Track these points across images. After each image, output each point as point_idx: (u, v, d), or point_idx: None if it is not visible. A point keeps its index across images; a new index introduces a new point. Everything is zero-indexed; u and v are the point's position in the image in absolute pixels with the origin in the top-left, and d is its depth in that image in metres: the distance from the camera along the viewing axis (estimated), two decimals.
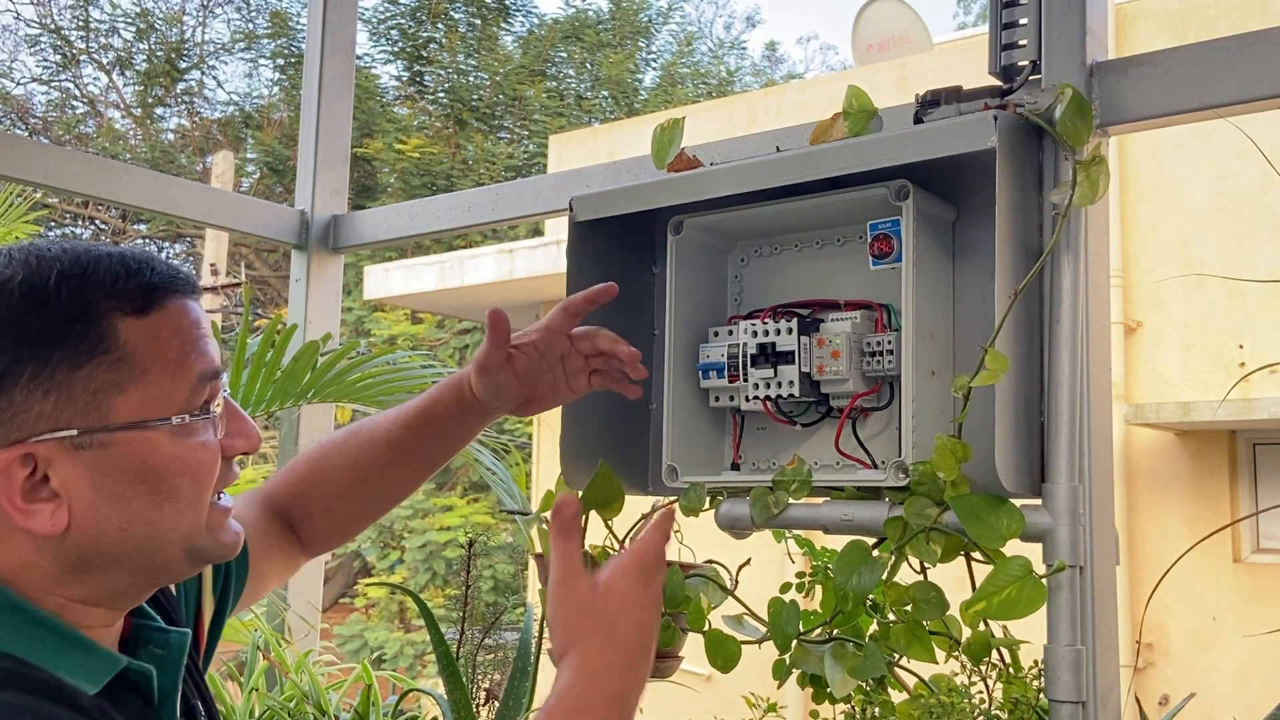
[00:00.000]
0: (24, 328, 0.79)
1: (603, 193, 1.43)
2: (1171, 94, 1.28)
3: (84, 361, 0.80)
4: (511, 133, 15.54)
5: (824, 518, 1.29)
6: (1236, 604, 5.32)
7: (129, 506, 0.82)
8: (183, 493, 0.84)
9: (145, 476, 0.82)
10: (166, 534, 0.84)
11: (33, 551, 0.82)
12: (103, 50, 16.10)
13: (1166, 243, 5.60)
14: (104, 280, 0.82)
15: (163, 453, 0.83)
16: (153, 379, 0.83)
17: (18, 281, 0.80)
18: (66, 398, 0.80)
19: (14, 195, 3.09)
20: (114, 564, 0.84)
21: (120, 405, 0.81)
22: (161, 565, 0.86)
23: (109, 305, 0.82)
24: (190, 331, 0.85)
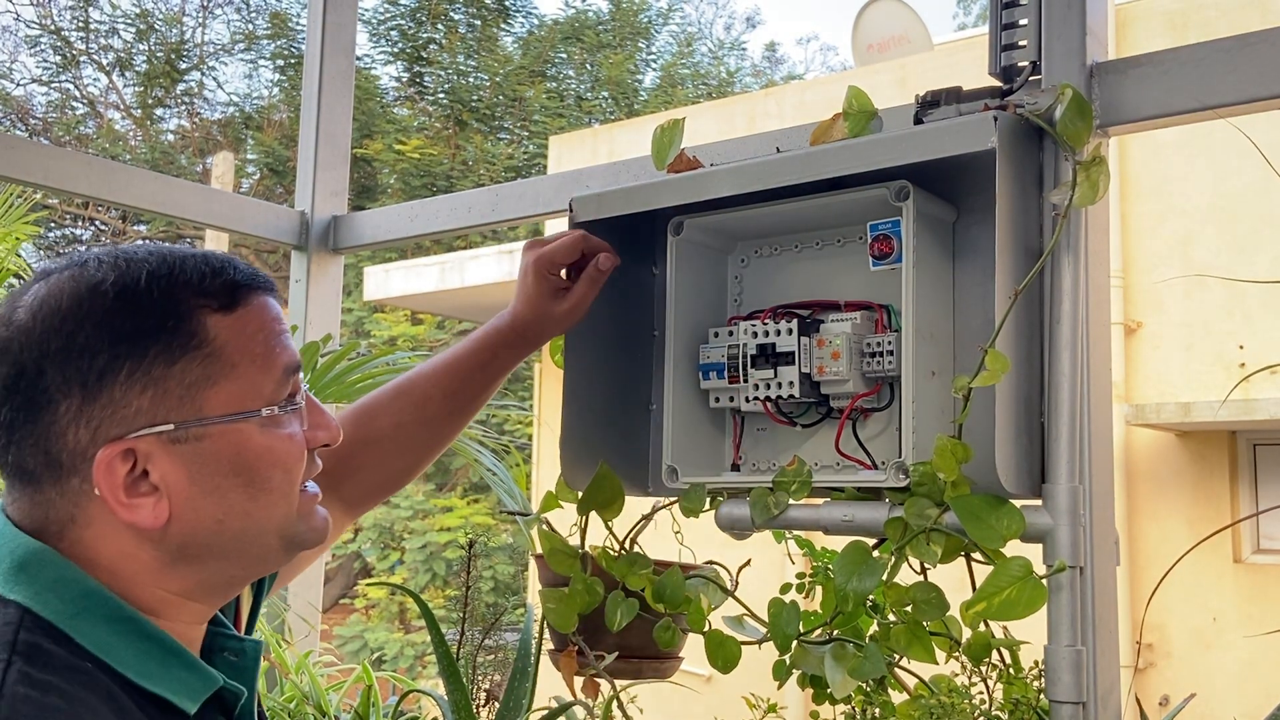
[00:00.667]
0: (120, 327, 0.82)
1: (603, 193, 1.43)
2: (1171, 94, 1.28)
3: (177, 357, 0.83)
4: (511, 133, 15.54)
5: (824, 518, 1.29)
6: (1237, 604, 5.32)
7: (225, 498, 0.85)
8: (275, 483, 0.87)
9: (239, 468, 0.85)
10: (262, 523, 0.88)
11: (134, 545, 0.84)
12: (103, 51, 16.10)
13: (1166, 243, 5.60)
14: (191, 279, 0.86)
15: (254, 444, 0.86)
16: (242, 372, 0.86)
17: (110, 283, 0.83)
18: (162, 393, 0.83)
19: (14, 196, 3.08)
20: (214, 555, 0.87)
21: (212, 399, 0.85)
22: (259, 554, 0.89)
23: (198, 303, 0.85)
24: (273, 327, 0.89)
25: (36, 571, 0.82)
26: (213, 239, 10.39)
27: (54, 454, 0.82)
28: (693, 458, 1.41)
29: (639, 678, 1.48)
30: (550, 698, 1.83)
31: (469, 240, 11.17)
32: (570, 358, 1.45)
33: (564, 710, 1.76)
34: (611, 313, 1.49)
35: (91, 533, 0.84)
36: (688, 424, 1.41)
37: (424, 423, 1.30)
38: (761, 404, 1.35)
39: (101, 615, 0.82)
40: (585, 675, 1.46)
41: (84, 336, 0.82)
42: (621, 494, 1.39)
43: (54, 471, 0.83)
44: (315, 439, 0.92)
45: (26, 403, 0.82)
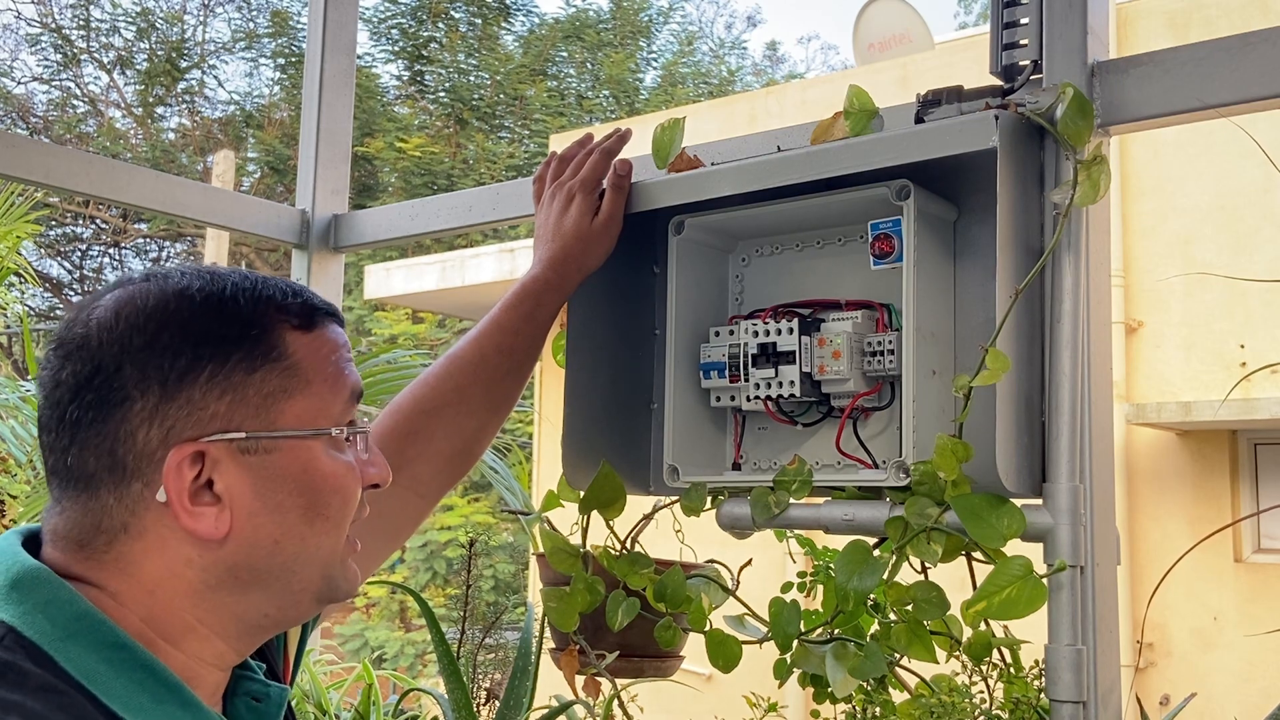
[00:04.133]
0: (204, 330, 0.83)
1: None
2: (1173, 94, 1.27)
3: (258, 366, 0.84)
4: (512, 132, 15.54)
5: (825, 518, 1.29)
6: (1237, 604, 5.32)
7: (285, 518, 0.84)
8: (332, 510, 0.86)
9: (303, 487, 0.85)
10: (313, 553, 0.86)
11: (183, 563, 0.82)
12: (103, 49, 16.10)
13: (1167, 242, 5.60)
14: (275, 296, 0.87)
15: (320, 465, 0.86)
16: (315, 390, 0.87)
17: (197, 289, 0.84)
18: (240, 399, 0.83)
19: (15, 195, 3.09)
20: (258, 582, 0.85)
21: (287, 412, 0.85)
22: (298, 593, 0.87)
23: (279, 318, 0.86)
24: (343, 352, 0.91)
25: (29, 591, 0.79)
26: (213, 237, 10.39)
27: (119, 455, 0.81)
28: (694, 457, 1.41)
29: (640, 677, 1.48)
30: (551, 696, 1.83)
31: (470, 239, 11.16)
32: (571, 357, 1.45)
33: (564, 709, 1.76)
34: (612, 312, 1.49)
35: (141, 545, 0.82)
36: (689, 423, 1.41)
37: (484, 384, 1.31)
38: (762, 403, 1.35)
39: (93, 641, 0.78)
40: (586, 674, 1.46)
41: (168, 336, 0.82)
42: (623, 493, 1.39)
43: (116, 474, 0.81)
44: (368, 476, 0.91)
45: (99, 400, 0.80)
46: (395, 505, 1.24)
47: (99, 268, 15.98)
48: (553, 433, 6.85)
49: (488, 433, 1.34)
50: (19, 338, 9.87)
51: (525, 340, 1.34)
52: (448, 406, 1.28)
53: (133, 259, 16.11)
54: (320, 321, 0.89)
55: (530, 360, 1.35)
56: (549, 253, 1.36)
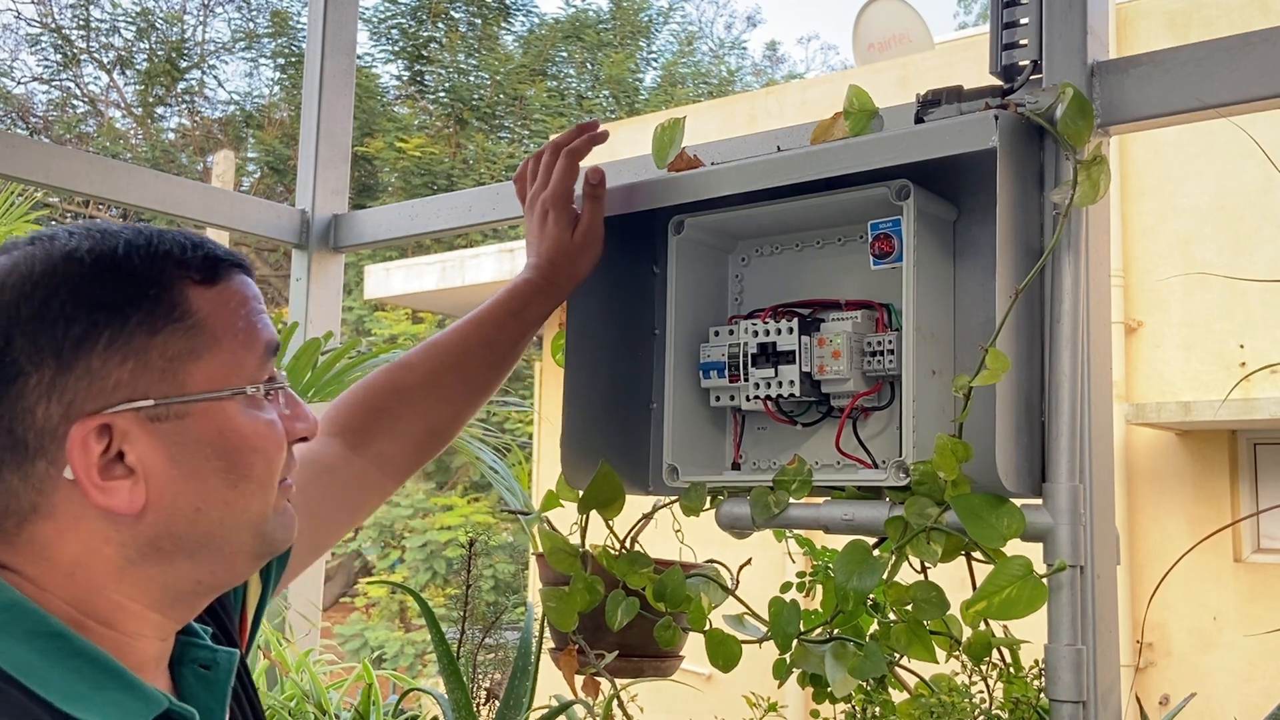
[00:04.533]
0: (99, 294, 0.77)
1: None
2: (1172, 94, 1.28)
3: (160, 327, 0.78)
4: (512, 132, 15.54)
5: (824, 517, 1.29)
6: (1237, 604, 5.32)
7: (205, 483, 0.80)
8: (256, 470, 0.82)
9: (222, 451, 0.80)
10: (239, 515, 0.82)
11: (101, 539, 0.78)
12: (103, 49, 16.10)
13: (1167, 242, 5.60)
14: (171, 250, 0.81)
15: (237, 425, 0.81)
16: (226, 347, 0.81)
17: (86, 249, 0.79)
18: (144, 365, 0.77)
19: (14, 195, 3.08)
20: (185, 551, 0.80)
21: (196, 374, 0.79)
22: (230, 555, 0.82)
23: (179, 273, 0.81)
24: (254, 304, 0.85)
25: None
26: (213, 237, 10.39)
27: (19, 434, 0.76)
28: (693, 456, 1.41)
29: (639, 676, 1.48)
30: (551, 696, 1.83)
31: (469, 239, 11.16)
32: (571, 356, 1.45)
33: (564, 709, 1.76)
34: (612, 312, 1.49)
35: (54, 526, 0.77)
36: (688, 423, 1.41)
37: (463, 373, 1.29)
38: (762, 403, 1.35)
39: (22, 631, 0.75)
40: (586, 674, 1.46)
41: (58, 302, 0.76)
42: (622, 493, 1.39)
43: (18, 454, 0.76)
44: (294, 430, 0.86)
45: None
46: (359, 479, 1.22)
47: None
48: (552, 432, 6.85)
49: (461, 420, 1.33)
50: None
51: (509, 336, 1.33)
52: (421, 388, 1.27)
53: None
54: (225, 273, 0.83)
55: (512, 357, 1.34)
56: (538, 259, 1.37)
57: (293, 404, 0.87)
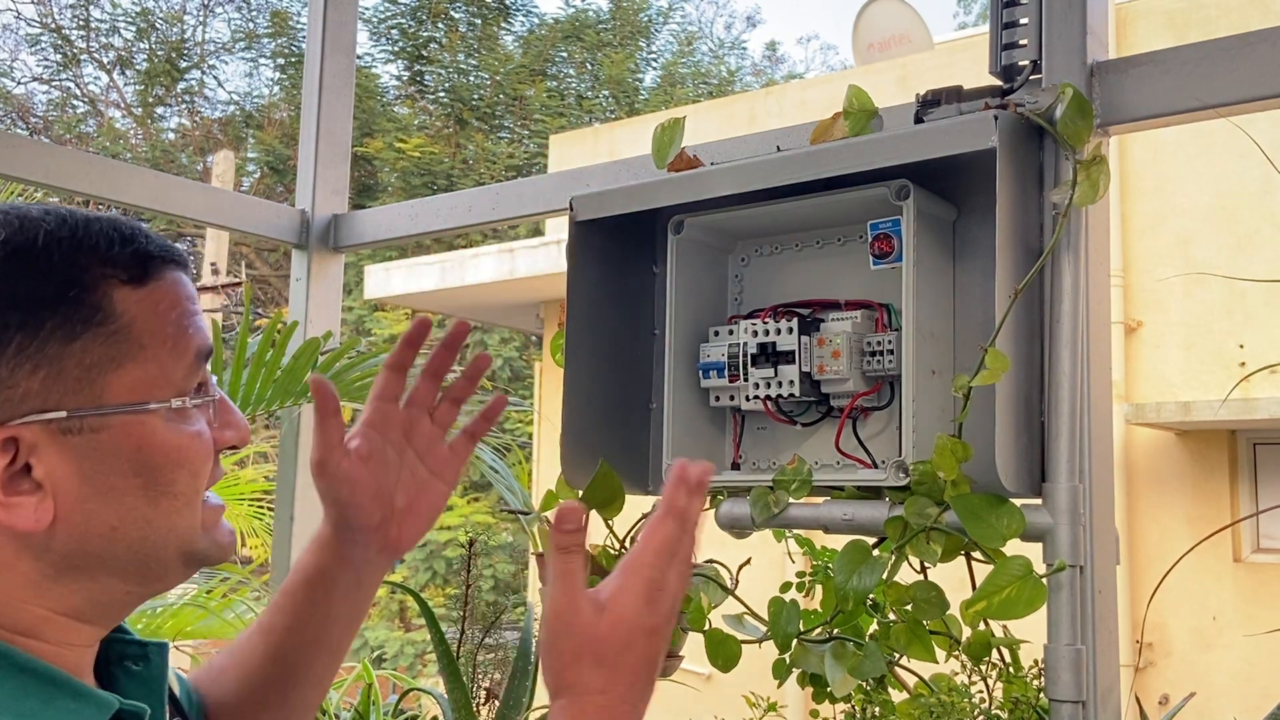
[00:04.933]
0: (11, 292, 0.70)
1: (603, 192, 1.43)
2: (1172, 94, 1.28)
3: (78, 333, 0.71)
4: (512, 132, 15.54)
5: (824, 517, 1.29)
6: (1236, 604, 5.32)
7: (121, 501, 0.73)
8: (179, 487, 0.75)
9: (140, 467, 0.73)
10: (162, 534, 0.75)
11: (11, 554, 0.72)
12: (103, 50, 16.10)
13: (1166, 242, 5.60)
14: (98, 245, 0.74)
15: (158, 440, 0.74)
16: (151, 355, 0.74)
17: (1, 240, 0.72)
18: (57, 373, 0.71)
19: (14, 195, 3.09)
20: (105, 568, 0.74)
21: (115, 384, 0.73)
22: (157, 570, 0.77)
23: (104, 272, 0.73)
24: (186, 306, 0.77)
25: None
26: (213, 237, 10.39)
27: None
28: (693, 456, 1.40)
29: None
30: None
31: (469, 239, 11.16)
32: (571, 356, 1.45)
33: None
34: (612, 312, 1.49)
35: None
36: (688, 423, 1.41)
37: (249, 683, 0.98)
38: (762, 403, 1.35)
39: None
40: None
41: None
42: (622, 492, 1.39)
43: None
44: (223, 439, 0.80)
45: None
46: None
47: None
48: (552, 432, 6.85)
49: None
50: None
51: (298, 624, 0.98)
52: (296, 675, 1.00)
53: None
54: (156, 272, 0.76)
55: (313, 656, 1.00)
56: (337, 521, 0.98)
57: (223, 411, 0.81)
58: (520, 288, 7.20)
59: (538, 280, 6.91)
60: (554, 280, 6.67)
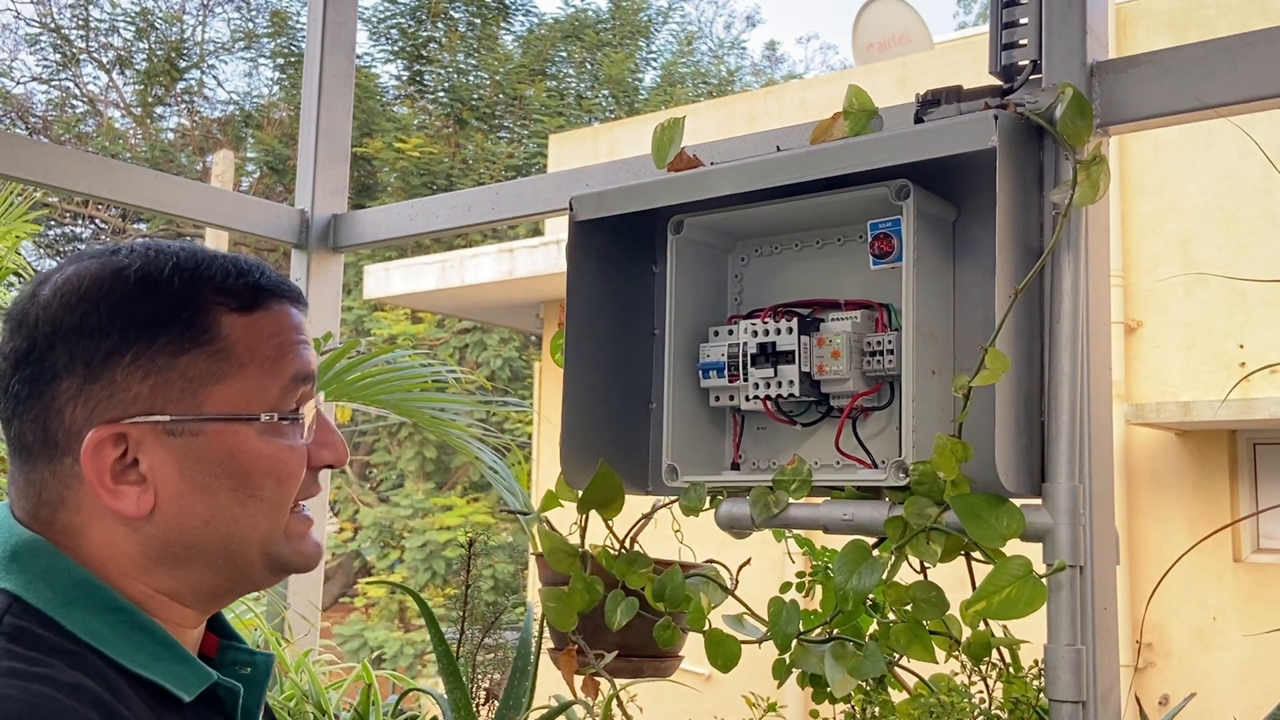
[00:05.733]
0: (133, 312, 0.82)
1: (603, 192, 1.43)
2: (1172, 94, 1.28)
3: (185, 349, 0.83)
4: (511, 132, 15.53)
5: (824, 517, 1.29)
6: (1236, 604, 5.32)
7: (214, 498, 0.84)
8: (265, 492, 0.85)
9: (231, 470, 0.84)
10: (247, 532, 0.85)
11: (120, 535, 0.83)
12: (102, 49, 16.10)
13: (1166, 242, 5.60)
14: (215, 276, 0.86)
15: (250, 449, 0.84)
16: (249, 374, 0.85)
17: (134, 269, 0.84)
18: (164, 383, 0.82)
19: (14, 195, 3.08)
20: (197, 558, 0.85)
21: (214, 396, 0.84)
22: (243, 567, 0.87)
23: (216, 300, 0.85)
24: (289, 334, 0.88)
25: (29, 561, 0.81)
26: (212, 237, 10.39)
27: (51, 431, 0.82)
28: (692, 456, 1.41)
29: (639, 676, 1.48)
30: (550, 696, 1.83)
31: (469, 239, 11.16)
32: (571, 356, 1.45)
33: (564, 709, 1.76)
34: (612, 312, 1.49)
35: (80, 518, 0.83)
36: (688, 423, 1.41)
37: None
38: (761, 403, 1.35)
39: (93, 605, 0.81)
40: (585, 674, 1.46)
41: (96, 317, 0.82)
42: (621, 493, 1.39)
43: (49, 449, 0.83)
44: (320, 457, 0.90)
45: (34, 376, 0.82)
46: None
47: None
48: (552, 432, 6.85)
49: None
50: None
51: None
52: None
53: None
54: (264, 303, 0.87)
55: None
56: None
57: (322, 431, 0.91)
58: (520, 288, 7.20)
59: (537, 280, 6.91)
60: (554, 280, 6.67)
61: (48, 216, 13.86)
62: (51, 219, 14.42)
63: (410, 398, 2.31)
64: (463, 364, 11.12)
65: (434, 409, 2.33)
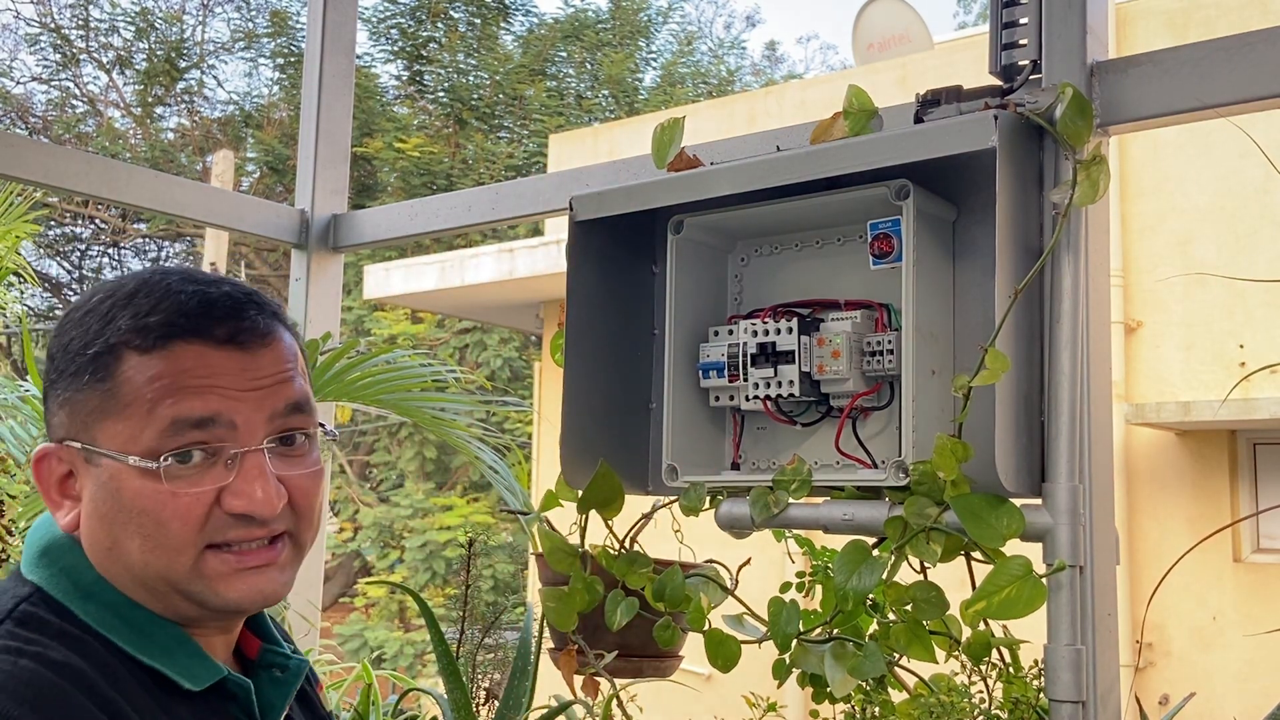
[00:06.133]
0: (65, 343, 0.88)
1: (603, 192, 1.43)
2: (1171, 94, 1.28)
3: (85, 384, 0.86)
4: (511, 132, 15.53)
5: (824, 517, 1.29)
6: (1236, 604, 5.32)
7: (112, 529, 0.86)
8: (148, 530, 0.85)
9: (120, 506, 0.85)
10: (145, 568, 0.86)
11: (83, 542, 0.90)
12: (103, 49, 16.10)
13: (1166, 242, 5.60)
14: (140, 311, 0.86)
15: (131, 487, 0.85)
16: (129, 415, 0.85)
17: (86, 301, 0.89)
18: (72, 413, 0.87)
19: (14, 195, 3.08)
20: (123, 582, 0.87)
21: (105, 432, 0.86)
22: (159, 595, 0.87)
23: (125, 337, 0.85)
24: (182, 379, 0.85)
25: (56, 557, 0.88)
26: (213, 237, 10.39)
27: None
28: (692, 456, 1.41)
29: (639, 676, 1.48)
30: (550, 696, 1.83)
31: (469, 239, 11.16)
32: (571, 356, 1.45)
33: (564, 709, 1.76)
34: (612, 312, 1.49)
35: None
36: (688, 423, 1.41)
37: None
38: (761, 403, 1.35)
39: (108, 601, 0.86)
40: (585, 674, 1.46)
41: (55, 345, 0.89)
42: (621, 493, 1.39)
43: None
44: (229, 505, 0.86)
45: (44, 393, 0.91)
46: None
47: (98, 268, 15.98)
48: (552, 432, 6.84)
49: None
50: (18, 338, 9.86)
51: None
52: None
53: (132, 259, 16.11)
54: (168, 344, 0.85)
55: None
56: None
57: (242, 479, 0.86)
58: (520, 288, 7.20)
59: (537, 280, 6.91)
60: (554, 280, 6.67)
61: (48, 216, 13.86)
62: (51, 219, 14.42)
63: (410, 398, 2.31)
64: (463, 364, 11.12)
65: (434, 409, 2.33)
